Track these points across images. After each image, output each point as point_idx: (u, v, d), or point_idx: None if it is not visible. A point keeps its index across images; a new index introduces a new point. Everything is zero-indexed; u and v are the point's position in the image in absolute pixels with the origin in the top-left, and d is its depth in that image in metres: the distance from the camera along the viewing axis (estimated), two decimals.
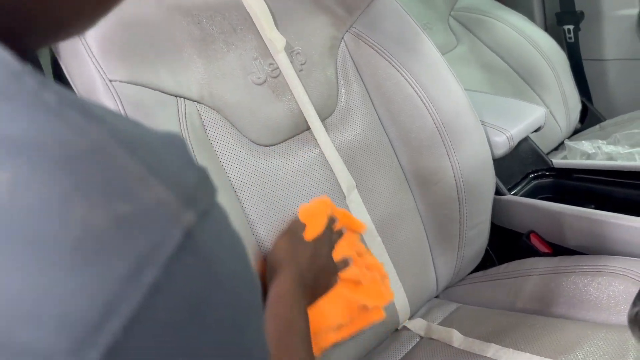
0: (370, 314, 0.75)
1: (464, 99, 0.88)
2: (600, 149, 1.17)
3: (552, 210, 0.91)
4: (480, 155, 0.88)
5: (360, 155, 0.84)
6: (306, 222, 0.72)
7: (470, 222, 0.89)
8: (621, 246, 0.83)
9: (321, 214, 0.73)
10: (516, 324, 0.80)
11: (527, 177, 1.06)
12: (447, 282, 0.94)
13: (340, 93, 0.85)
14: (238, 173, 0.72)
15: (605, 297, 0.77)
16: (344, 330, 0.73)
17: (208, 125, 0.71)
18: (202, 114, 0.71)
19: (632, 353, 0.67)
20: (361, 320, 0.74)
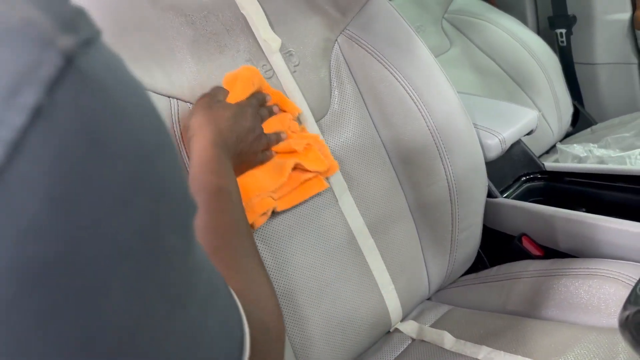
0: (311, 183, 0.75)
1: (456, 102, 0.88)
2: (592, 153, 1.18)
3: (543, 213, 0.91)
4: (472, 157, 0.89)
5: (352, 158, 0.84)
6: (229, 88, 0.69)
7: (462, 225, 0.90)
8: (612, 249, 0.83)
9: (246, 81, 0.70)
10: (508, 326, 0.80)
11: (519, 180, 1.07)
12: (439, 284, 0.94)
13: (334, 95, 0.85)
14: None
15: (596, 299, 0.78)
16: (285, 198, 0.73)
17: None
18: None
19: (622, 356, 0.67)
20: (303, 190, 0.74)
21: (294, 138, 0.75)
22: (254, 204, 0.69)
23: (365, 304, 0.82)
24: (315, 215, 0.79)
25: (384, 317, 0.85)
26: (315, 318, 0.77)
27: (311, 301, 0.77)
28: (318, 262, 0.78)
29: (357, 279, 0.82)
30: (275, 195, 0.72)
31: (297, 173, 0.74)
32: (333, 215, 0.81)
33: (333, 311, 0.79)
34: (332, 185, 0.81)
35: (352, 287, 0.81)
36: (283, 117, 0.76)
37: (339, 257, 0.80)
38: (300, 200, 0.76)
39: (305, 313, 0.76)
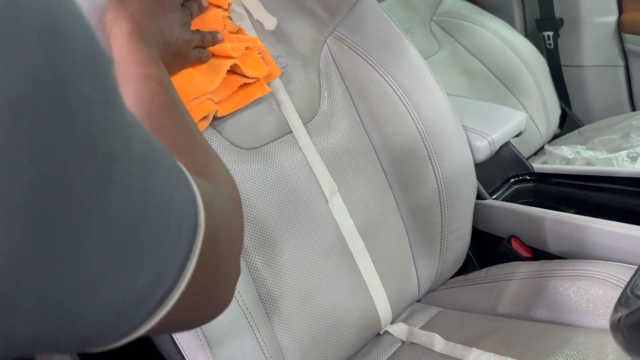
0: (253, 88, 0.73)
1: (446, 104, 0.88)
2: (580, 154, 1.19)
3: (532, 215, 0.91)
4: (462, 159, 0.89)
5: (342, 159, 0.84)
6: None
7: (451, 226, 0.89)
8: (600, 250, 0.83)
9: None
10: (497, 328, 0.80)
11: (508, 181, 1.07)
12: (428, 286, 0.94)
13: (323, 97, 0.85)
14: None
15: (585, 301, 0.78)
16: (226, 103, 0.70)
17: None
18: None
19: (612, 356, 0.67)
20: (244, 94, 0.72)
21: (231, 40, 0.71)
22: (192, 107, 0.66)
23: (355, 306, 0.82)
24: (305, 217, 0.78)
25: (374, 319, 0.85)
26: (304, 320, 0.76)
27: (300, 303, 0.76)
28: (308, 263, 0.78)
29: (347, 281, 0.81)
30: (215, 99, 0.69)
31: (236, 77, 0.71)
32: (323, 217, 0.80)
33: (322, 313, 0.78)
34: (323, 187, 0.80)
35: (342, 289, 0.81)
36: (217, 15, 0.72)
37: (329, 259, 0.80)
38: (242, 106, 0.72)
39: (294, 315, 0.75)
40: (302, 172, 0.79)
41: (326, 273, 0.79)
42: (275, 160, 0.77)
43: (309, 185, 0.80)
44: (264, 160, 0.76)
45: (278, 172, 0.77)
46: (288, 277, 0.75)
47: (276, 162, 0.77)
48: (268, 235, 0.74)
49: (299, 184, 0.79)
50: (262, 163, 0.76)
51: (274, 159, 0.77)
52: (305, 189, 0.79)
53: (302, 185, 0.79)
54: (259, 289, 0.72)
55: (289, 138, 0.79)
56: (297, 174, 0.79)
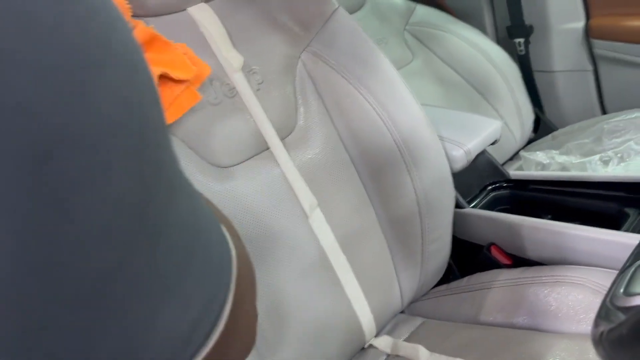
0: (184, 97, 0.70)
1: (421, 115, 0.88)
2: (554, 159, 1.20)
3: (510, 222, 0.92)
4: (439, 169, 0.89)
5: (321, 174, 0.84)
6: None
7: (431, 236, 0.90)
8: (578, 256, 0.85)
9: None
10: (480, 337, 0.80)
11: (485, 189, 1.08)
12: (411, 297, 0.94)
13: (299, 112, 0.84)
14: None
15: (565, 307, 0.79)
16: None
17: None
18: None
19: None
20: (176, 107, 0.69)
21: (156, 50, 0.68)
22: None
23: (339, 320, 0.81)
24: (285, 234, 0.78)
25: (358, 333, 0.85)
26: (287, 337, 0.76)
27: (283, 320, 0.75)
28: (289, 280, 0.77)
29: (330, 296, 0.81)
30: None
31: (166, 88, 0.68)
32: (303, 232, 0.80)
33: (305, 329, 0.78)
34: (302, 202, 0.80)
35: (325, 305, 0.80)
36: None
37: (311, 275, 0.79)
38: (175, 119, 0.70)
39: (277, 332, 0.75)
40: (281, 189, 0.79)
41: (308, 289, 0.79)
42: (253, 178, 0.77)
43: (289, 201, 0.79)
44: (241, 177, 0.76)
45: (256, 189, 0.76)
46: (269, 295, 0.75)
47: (254, 179, 0.77)
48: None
49: (278, 201, 0.78)
50: (239, 181, 0.75)
51: (251, 176, 0.77)
52: (284, 206, 0.79)
53: (282, 201, 0.78)
54: None
55: (267, 154, 0.79)
56: (276, 190, 0.78)
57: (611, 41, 1.45)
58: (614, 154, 1.14)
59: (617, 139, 1.22)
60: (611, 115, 1.38)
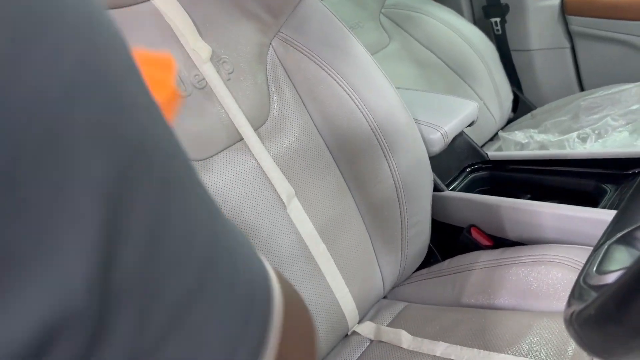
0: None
1: (396, 99, 0.88)
2: (533, 138, 1.20)
3: (489, 204, 0.92)
4: (416, 154, 0.89)
5: (297, 163, 0.83)
6: None
7: (411, 221, 0.89)
8: (557, 234, 0.85)
9: None
10: (462, 319, 0.81)
11: (464, 171, 1.08)
12: (393, 282, 0.94)
13: (272, 100, 0.83)
14: None
15: (545, 285, 0.79)
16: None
17: None
18: None
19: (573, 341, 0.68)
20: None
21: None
22: None
23: (321, 309, 0.81)
24: (263, 225, 0.77)
25: (341, 321, 0.84)
26: None
27: None
28: None
29: (311, 286, 0.80)
30: None
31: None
32: (282, 222, 0.79)
33: None
34: (279, 192, 0.79)
35: (306, 295, 0.80)
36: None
37: (291, 265, 0.79)
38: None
39: None
40: (257, 180, 0.78)
41: (289, 279, 0.78)
42: (228, 170, 0.76)
43: (265, 192, 0.78)
44: (215, 170, 0.74)
45: (231, 181, 0.75)
46: None
47: (229, 171, 0.76)
48: None
49: (255, 192, 0.77)
50: (214, 174, 0.74)
51: (226, 168, 0.76)
52: (261, 197, 0.77)
53: (258, 192, 0.77)
54: None
55: (240, 145, 0.78)
56: (252, 181, 0.77)
57: (587, 17, 1.45)
58: (591, 130, 1.15)
59: (594, 115, 1.22)
60: (589, 92, 1.38)
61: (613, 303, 0.29)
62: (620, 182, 0.93)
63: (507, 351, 0.70)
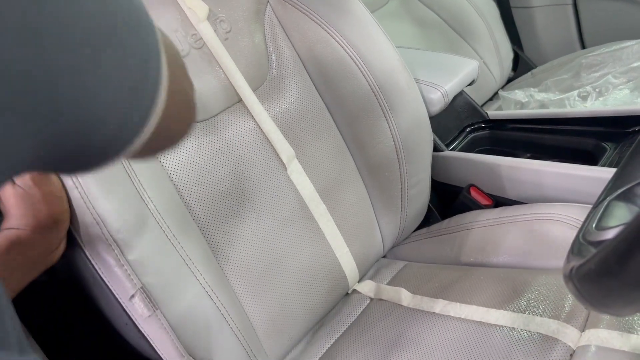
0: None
1: (396, 58, 0.86)
2: (533, 97, 1.20)
3: (489, 163, 0.92)
4: (416, 113, 0.88)
5: (297, 124, 0.82)
6: None
7: (410, 181, 0.90)
8: (556, 193, 0.85)
9: None
10: (461, 277, 0.82)
11: (464, 130, 1.07)
12: (392, 241, 0.94)
13: (271, 60, 0.82)
14: (170, 156, 0.69)
15: (544, 243, 0.80)
16: None
17: None
18: None
19: (571, 295, 0.69)
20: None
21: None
22: None
23: (321, 269, 0.82)
24: (264, 187, 0.77)
25: (341, 280, 0.85)
26: (271, 290, 0.76)
27: (266, 273, 0.76)
28: (270, 233, 0.77)
29: (311, 246, 0.81)
30: None
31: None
32: (282, 184, 0.79)
33: (289, 280, 0.78)
34: (280, 154, 0.79)
35: (307, 255, 0.81)
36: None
37: (292, 226, 0.79)
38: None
39: (261, 286, 0.75)
40: (256, 141, 0.77)
41: (290, 240, 0.79)
42: (227, 131, 0.75)
43: (265, 153, 0.78)
44: (214, 132, 0.74)
45: (231, 143, 0.75)
46: (251, 249, 0.74)
47: (228, 133, 0.75)
48: (227, 210, 0.73)
49: (254, 154, 0.77)
50: (212, 135, 0.74)
51: (225, 130, 0.75)
52: (261, 158, 0.77)
53: (258, 154, 0.77)
54: (222, 264, 0.71)
55: (239, 107, 0.77)
56: (251, 143, 0.77)
57: None
58: (592, 88, 1.14)
59: (595, 73, 1.21)
60: (590, 50, 1.36)
61: (613, 257, 0.30)
62: (620, 140, 0.93)
63: (506, 308, 0.71)
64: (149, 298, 0.59)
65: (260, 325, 0.75)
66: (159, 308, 0.60)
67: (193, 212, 0.69)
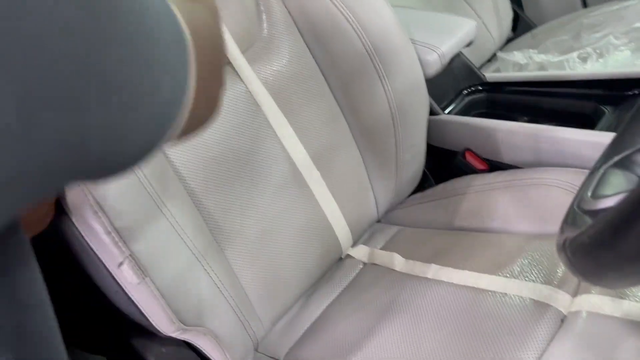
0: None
1: (392, 18, 0.83)
2: (532, 59, 1.17)
3: (485, 127, 0.91)
4: (412, 76, 0.86)
5: (289, 87, 0.80)
6: None
7: (406, 145, 0.88)
8: (553, 157, 0.84)
9: None
10: (455, 242, 0.81)
11: (461, 93, 1.05)
12: (387, 206, 0.94)
13: (262, 20, 0.79)
14: None
15: (539, 208, 0.79)
16: None
17: None
18: None
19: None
20: None
21: None
22: None
23: (315, 235, 0.82)
24: (255, 153, 0.75)
25: (334, 245, 0.85)
26: (264, 256, 0.76)
27: (259, 240, 0.75)
28: (263, 200, 0.76)
29: (305, 212, 0.80)
30: None
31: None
32: (273, 149, 0.78)
33: (282, 246, 0.78)
34: (270, 118, 0.77)
35: (300, 221, 0.80)
36: None
37: (284, 193, 0.78)
38: None
39: (254, 253, 0.75)
40: (246, 105, 0.75)
41: (282, 207, 0.78)
42: None
43: (255, 118, 0.76)
44: None
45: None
46: (243, 216, 0.74)
47: None
48: (217, 177, 0.71)
49: (244, 118, 0.75)
50: None
51: None
52: (251, 123, 0.76)
53: (248, 119, 0.75)
54: (213, 232, 0.70)
55: (227, 69, 0.75)
56: (241, 107, 0.75)
57: None
58: (592, 50, 1.11)
59: (596, 34, 1.18)
60: (591, 9, 1.33)
61: (609, 230, 0.29)
62: (619, 103, 0.91)
63: (498, 273, 0.71)
64: (137, 265, 0.58)
65: (254, 291, 0.75)
66: (148, 275, 0.59)
67: (182, 179, 0.68)
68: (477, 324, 0.65)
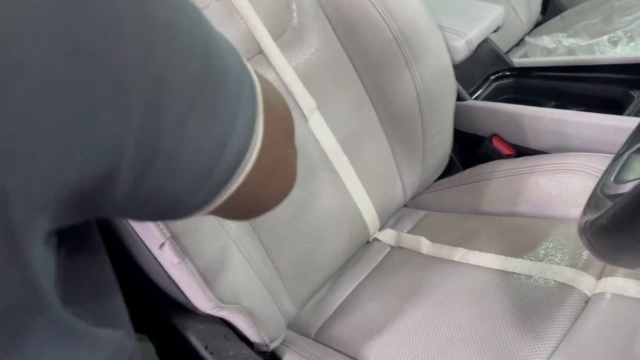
0: None
1: (419, 5, 0.84)
2: (561, 43, 1.16)
3: (512, 113, 0.91)
4: (439, 63, 0.87)
5: (318, 74, 0.82)
6: None
7: (433, 131, 0.90)
8: (579, 142, 0.84)
9: None
10: (481, 227, 0.83)
11: (488, 79, 1.06)
12: (413, 191, 0.95)
13: (291, 9, 0.81)
14: None
15: (565, 193, 0.80)
16: None
17: None
18: None
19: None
20: None
21: None
22: None
23: (343, 219, 0.84)
24: None
25: (362, 228, 0.87)
26: (295, 239, 0.79)
27: (290, 222, 0.78)
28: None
29: (333, 196, 0.83)
30: None
31: None
32: (303, 135, 0.80)
33: (311, 231, 0.80)
34: (301, 106, 0.79)
35: (329, 205, 0.82)
36: None
37: (313, 177, 0.81)
38: None
39: (284, 236, 0.77)
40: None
41: (312, 191, 0.80)
42: None
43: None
44: None
45: None
46: None
47: None
48: None
49: None
50: None
51: None
52: None
53: None
54: None
55: (260, 58, 0.77)
56: None
57: None
58: (623, 33, 1.10)
59: (628, 17, 1.16)
60: None
61: (624, 214, 0.30)
62: None
63: (524, 256, 0.73)
64: (178, 246, 0.62)
65: (285, 272, 0.78)
66: (188, 255, 0.62)
67: None
68: (502, 306, 0.67)
